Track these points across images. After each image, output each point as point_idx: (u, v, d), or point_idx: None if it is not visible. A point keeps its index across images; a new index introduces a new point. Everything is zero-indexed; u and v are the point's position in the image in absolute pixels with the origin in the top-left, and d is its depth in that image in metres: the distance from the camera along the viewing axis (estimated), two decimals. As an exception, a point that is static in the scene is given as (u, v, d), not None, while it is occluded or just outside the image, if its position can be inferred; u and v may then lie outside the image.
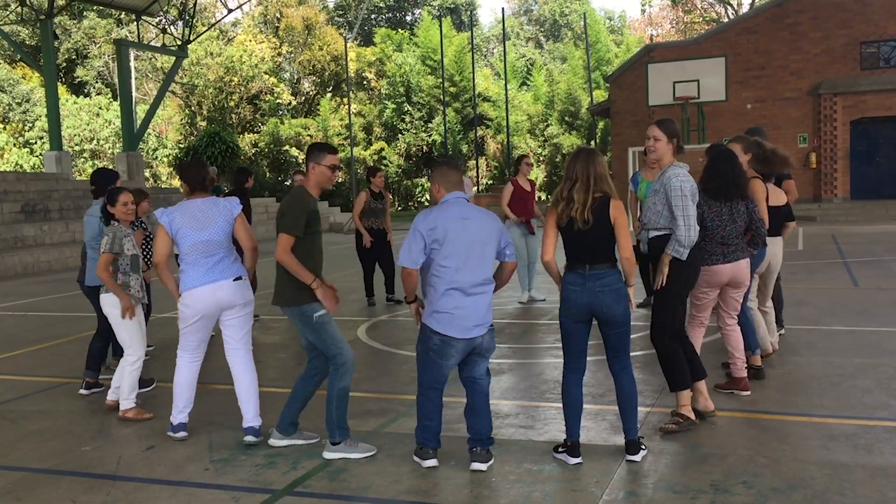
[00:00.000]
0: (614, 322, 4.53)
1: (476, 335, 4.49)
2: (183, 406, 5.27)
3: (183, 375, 5.27)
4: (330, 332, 4.78)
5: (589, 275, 4.48)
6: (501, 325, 8.79)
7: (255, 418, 5.11)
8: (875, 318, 8.33)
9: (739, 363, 5.74)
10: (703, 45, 26.14)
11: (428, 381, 4.56)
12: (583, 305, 4.51)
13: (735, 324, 5.76)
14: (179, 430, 5.24)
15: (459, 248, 4.44)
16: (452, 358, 4.50)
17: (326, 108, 41.27)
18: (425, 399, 4.59)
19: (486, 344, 4.56)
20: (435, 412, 4.59)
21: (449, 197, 4.57)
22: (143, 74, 42.17)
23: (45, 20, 25.53)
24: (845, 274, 11.88)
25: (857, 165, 25.28)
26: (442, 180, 4.60)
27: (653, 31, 51.94)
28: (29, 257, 17.44)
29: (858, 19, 24.88)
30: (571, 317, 4.56)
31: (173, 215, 5.09)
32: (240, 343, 5.20)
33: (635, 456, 4.54)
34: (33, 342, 9.03)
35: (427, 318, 4.51)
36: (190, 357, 5.28)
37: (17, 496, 4.42)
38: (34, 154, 37.69)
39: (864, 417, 5.18)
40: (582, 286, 4.50)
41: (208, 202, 5.18)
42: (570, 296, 4.54)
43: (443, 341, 4.45)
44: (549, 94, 40.35)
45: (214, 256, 5.08)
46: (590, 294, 4.48)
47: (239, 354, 5.20)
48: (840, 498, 3.95)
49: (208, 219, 5.10)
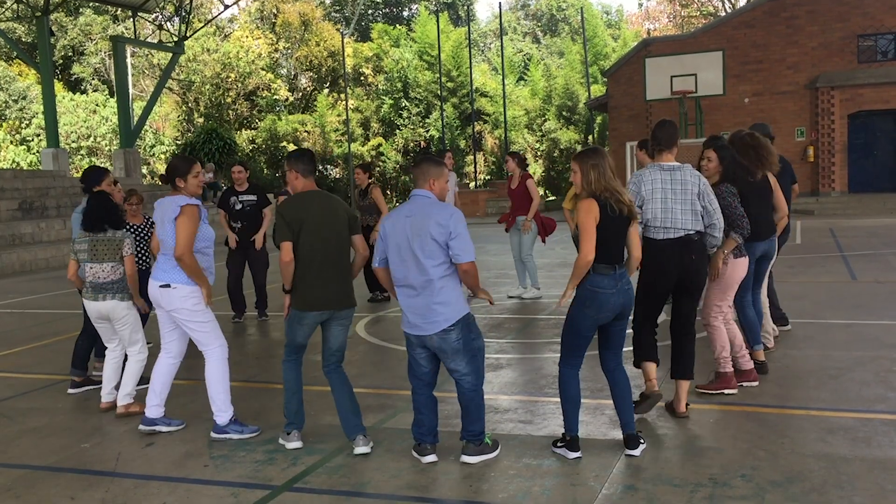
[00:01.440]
0: (625, 317, 4.63)
1: (422, 333, 4.45)
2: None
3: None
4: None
5: (618, 275, 4.51)
6: (500, 319, 8.79)
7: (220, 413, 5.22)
8: (873, 312, 8.34)
9: (742, 356, 5.76)
10: (701, 39, 26.12)
11: (410, 375, 4.68)
12: (616, 307, 4.52)
13: (730, 320, 5.77)
14: (149, 425, 5.37)
15: (397, 246, 4.46)
16: (417, 352, 4.57)
17: (324, 104, 41.19)
18: (413, 391, 4.69)
19: (439, 344, 4.43)
20: (423, 405, 4.60)
21: (413, 193, 4.60)
22: (139, 71, 42.05)
23: (41, 17, 25.44)
24: (843, 267, 11.90)
25: (855, 159, 25.28)
26: (415, 175, 4.62)
27: (650, 25, 51.86)
28: (27, 255, 17.42)
29: (855, 12, 24.86)
30: (600, 319, 4.53)
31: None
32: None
33: (635, 450, 4.55)
34: (31, 340, 9.02)
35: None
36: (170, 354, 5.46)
37: (16, 493, 4.42)
38: (31, 151, 37.58)
39: (862, 410, 5.19)
40: (615, 288, 4.48)
41: (163, 200, 5.28)
42: (605, 298, 4.46)
43: (406, 337, 4.59)
44: (547, 88, 40.28)
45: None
46: (622, 295, 4.52)
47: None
48: (838, 491, 3.96)
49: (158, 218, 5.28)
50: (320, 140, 40.07)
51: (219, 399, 5.17)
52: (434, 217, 4.38)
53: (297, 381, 4.94)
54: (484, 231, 20.62)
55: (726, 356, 5.61)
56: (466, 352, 4.45)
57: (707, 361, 5.97)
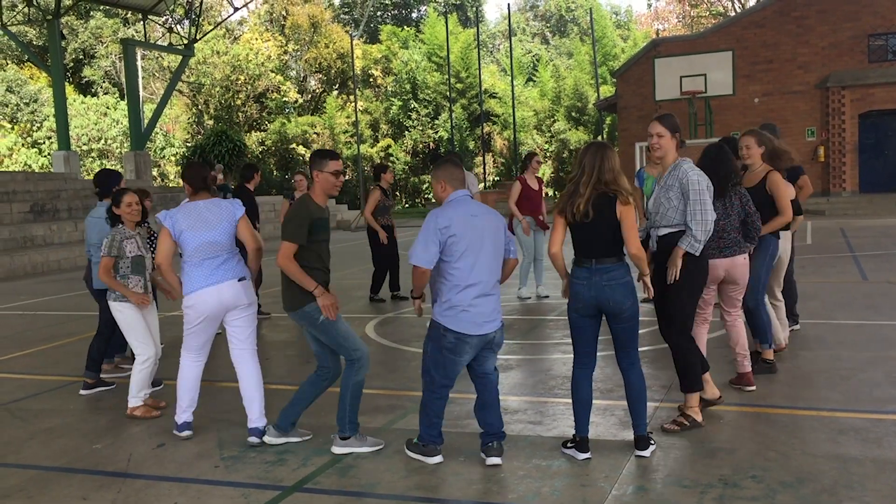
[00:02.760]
0: (622, 316, 4.54)
1: (490, 331, 4.52)
2: (187, 405, 5.30)
3: (186, 376, 5.29)
4: (340, 330, 4.78)
5: (595, 269, 4.49)
6: (509, 321, 8.79)
7: (260, 419, 5.12)
8: (884, 312, 8.31)
9: (741, 358, 5.73)
10: (710, 39, 26.06)
11: (441, 380, 4.56)
12: (589, 299, 4.52)
13: (734, 320, 5.73)
14: (184, 430, 5.27)
15: (471, 246, 4.45)
16: (466, 354, 4.52)
17: (333, 106, 41.28)
18: (437, 397, 4.59)
19: (498, 339, 4.61)
20: (443, 410, 4.63)
21: (456, 195, 4.57)
22: (149, 74, 42.27)
23: (51, 20, 25.58)
24: (854, 267, 11.84)
25: (866, 159, 25.17)
26: (448, 178, 4.59)
27: (659, 25, 51.76)
28: (38, 257, 17.52)
29: (866, 11, 24.76)
30: (578, 311, 4.57)
31: (176, 217, 5.09)
32: (245, 343, 5.21)
33: (645, 451, 4.54)
34: (43, 341, 9.07)
35: (439, 317, 4.51)
36: (193, 357, 5.29)
37: (28, 494, 4.45)
38: (42, 154, 37.82)
39: (873, 411, 5.17)
40: (588, 280, 4.50)
41: (211, 203, 5.17)
42: (577, 290, 4.55)
43: (458, 339, 4.46)
44: (556, 89, 40.26)
45: (218, 258, 5.07)
46: (596, 289, 4.49)
47: (244, 355, 5.21)
48: (849, 492, 3.95)
49: (212, 220, 5.09)
50: (329, 142, 40.16)
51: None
52: (495, 217, 4.61)
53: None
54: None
55: (742, 352, 5.68)
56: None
57: (726, 360, 5.95)
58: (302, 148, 39.98)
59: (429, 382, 4.60)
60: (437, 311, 4.54)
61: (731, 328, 5.73)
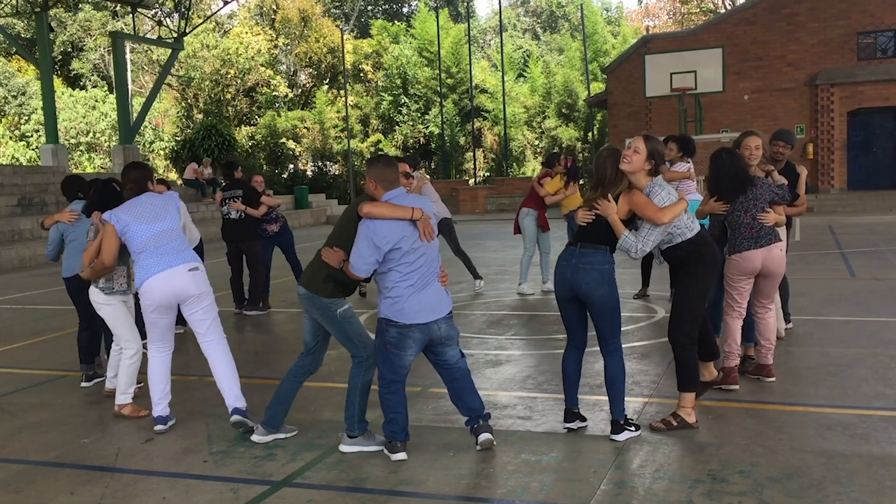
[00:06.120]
0: (594, 303, 4.65)
1: (430, 320, 4.50)
2: (159, 398, 5.32)
3: (154, 368, 5.35)
4: (355, 328, 4.76)
5: (577, 252, 4.70)
6: (500, 316, 8.80)
7: (238, 399, 5.16)
8: (872, 309, 8.35)
9: (765, 350, 5.79)
10: (701, 36, 26.11)
11: (389, 375, 4.56)
12: (564, 280, 4.71)
13: (766, 312, 5.79)
14: (160, 423, 5.28)
15: (412, 244, 4.45)
16: (411, 348, 4.52)
17: (323, 101, 41.15)
18: (388, 392, 4.57)
19: (445, 332, 4.58)
20: (399, 405, 4.59)
21: (389, 196, 4.51)
22: (139, 67, 42.01)
23: (40, 13, 25.39)
24: (842, 264, 11.91)
25: (855, 156, 25.29)
26: (378, 178, 4.51)
27: (650, 21, 51.83)
28: (26, 251, 17.42)
29: (855, 10, 24.86)
30: (557, 292, 4.81)
31: (119, 215, 5.21)
32: (208, 334, 5.29)
33: (618, 436, 4.66)
34: (31, 335, 9.03)
35: (382, 311, 4.53)
36: (157, 348, 5.36)
37: (16, 488, 4.43)
38: (30, 147, 37.55)
39: (860, 407, 5.20)
40: (568, 262, 4.72)
41: (151, 196, 5.36)
42: (557, 270, 4.79)
43: (399, 332, 4.48)
44: (547, 85, 40.28)
45: (167, 245, 5.20)
46: (572, 270, 4.67)
47: (211, 344, 5.28)
48: (836, 487, 3.97)
49: (158, 211, 5.25)
50: (319, 137, 40.04)
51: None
52: (427, 204, 4.62)
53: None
54: (486, 228, 20.62)
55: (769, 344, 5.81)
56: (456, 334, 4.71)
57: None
58: (292, 142, 39.85)
59: (379, 378, 4.61)
60: (380, 304, 4.57)
61: (761, 320, 5.79)
